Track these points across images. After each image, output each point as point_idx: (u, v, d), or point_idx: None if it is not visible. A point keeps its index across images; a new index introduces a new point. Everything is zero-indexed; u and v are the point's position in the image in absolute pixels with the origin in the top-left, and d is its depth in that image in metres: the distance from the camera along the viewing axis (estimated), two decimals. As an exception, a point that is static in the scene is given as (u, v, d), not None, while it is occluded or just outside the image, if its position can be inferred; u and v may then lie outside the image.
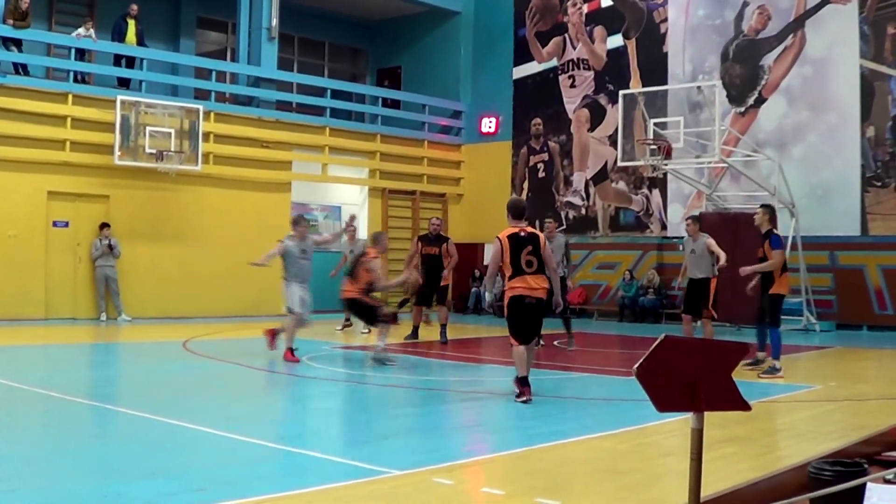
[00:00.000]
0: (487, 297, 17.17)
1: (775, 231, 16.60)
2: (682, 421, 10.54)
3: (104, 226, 25.41)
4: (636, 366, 3.97)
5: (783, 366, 15.81)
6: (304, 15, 33.90)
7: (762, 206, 17.41)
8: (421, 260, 21.44)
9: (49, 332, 22.78)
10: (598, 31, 31.82)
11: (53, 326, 23.77)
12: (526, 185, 33.29)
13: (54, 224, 25.22)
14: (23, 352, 18.58)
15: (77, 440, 9.47)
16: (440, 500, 7.49)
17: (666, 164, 25.89)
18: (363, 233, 32.09)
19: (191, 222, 27.11)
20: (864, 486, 5.60)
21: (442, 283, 21.64)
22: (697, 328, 18.81)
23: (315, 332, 23.66)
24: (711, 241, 17.65)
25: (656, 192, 30.05)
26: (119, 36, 27.32)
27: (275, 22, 29.73)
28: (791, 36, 27.68)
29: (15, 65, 25.33)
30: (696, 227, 18.07)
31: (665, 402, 4.06)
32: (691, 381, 3.95)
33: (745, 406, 4.22)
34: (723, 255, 17.41)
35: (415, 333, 21.66)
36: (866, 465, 5.83)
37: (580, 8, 32.19)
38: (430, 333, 22.00)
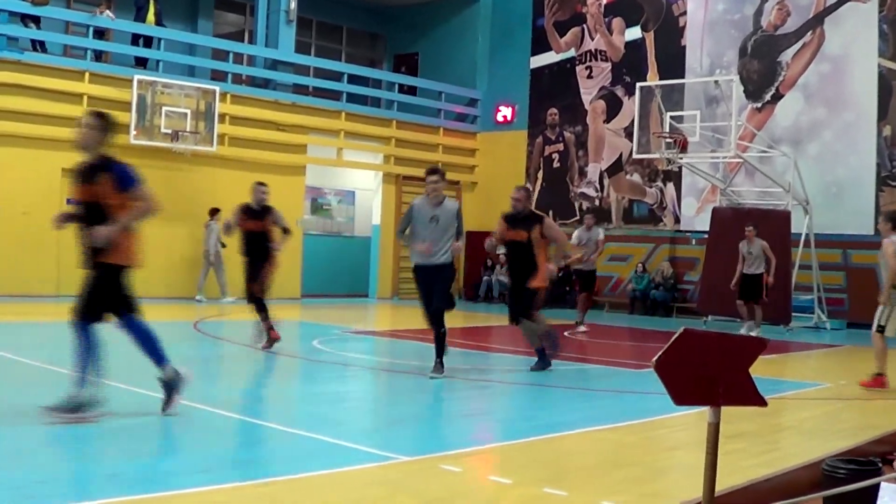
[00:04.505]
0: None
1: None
2: (688, 415, 10.54)
3: (215, 211, 26.60)
4: (655, 358, 3.96)
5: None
6: (323, -2, 33.93)
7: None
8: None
9: (60, 308, 22.80)
10: (617, 22, 31.77)
11: (65, 303, 23.80)
12: (540, 174, 33.28)
13: (68, 201, 25.19)
14: (33, 328, 18.63)
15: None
16: (448, 487, 7.49)
17: (681, 158, 25.82)
18: (376, 218, 32.16)
19: (204, 203, 27.10)
20: (877, 485, 5.58)
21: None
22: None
23: (325, 315, 23.72)
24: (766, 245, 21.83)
25: (671, 185, 30.00)
26: (138, 15, 27.36)
27: (293, 5, 29.74)
28: (810, 33, 27.59)
29: (33, 42, 25.37)
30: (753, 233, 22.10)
31: (682, 395, 4.05)
32: (709, 375, 3.94)
33: (761, 401, 4.21)
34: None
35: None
36: (881, 465, 5.81)
37: (599, -1, 32.19)
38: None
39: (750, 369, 4.15)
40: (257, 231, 16.03)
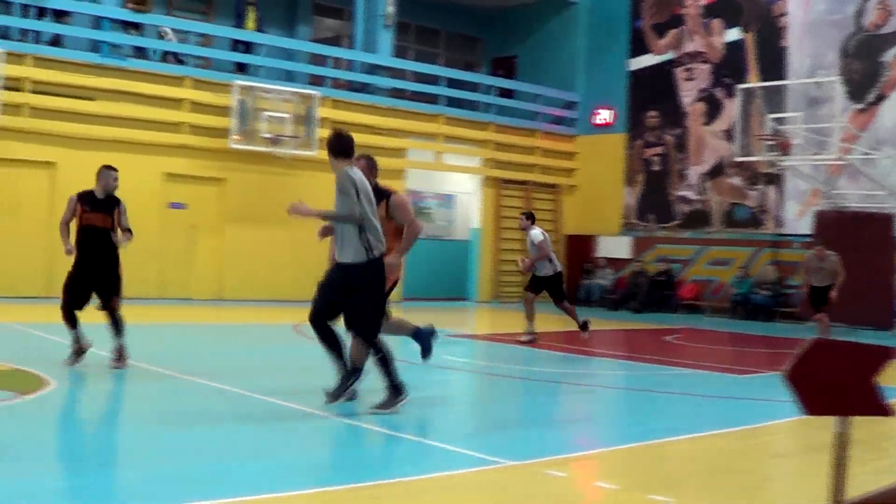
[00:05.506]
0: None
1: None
2: (792, 422, 10.50)
3: None
4: (785, 368, 3.90)
5: None
6: (421, 3, 33.94)
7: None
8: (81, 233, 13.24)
9: (161, 311, 23.07)
10: (716, 23, 31.50)
11: (166, 306, 24.09)
12: (640, 178, 33.08)
13: (171, 205, 25.55)
14: (133, 330, 18.85)
15: (188, 419, 9.55)
16: (554, 492, 7.45)
17: (783, 161, 25.54)
18: (476, 222, 32.20)
19: (304, 207, 27.26)
20: None
21: None
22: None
23: (425, 319, 23.73)
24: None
25: (772, 188, 29.64)
26: (238, 21, 27.66)
27: (391, 9, 29.83)
28: (914, 32, 27.21)
29: (135, 48, 25.72)
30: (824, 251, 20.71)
31: (813, 405, 3.98)
32: (838, 385, 3.88)
33: (888, 411, 4.14)
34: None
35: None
36: None
37: (698, 0, 31.91)
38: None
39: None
40: (101, 227, 13.14)
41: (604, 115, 34.12)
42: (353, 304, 10.23)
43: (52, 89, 24.04)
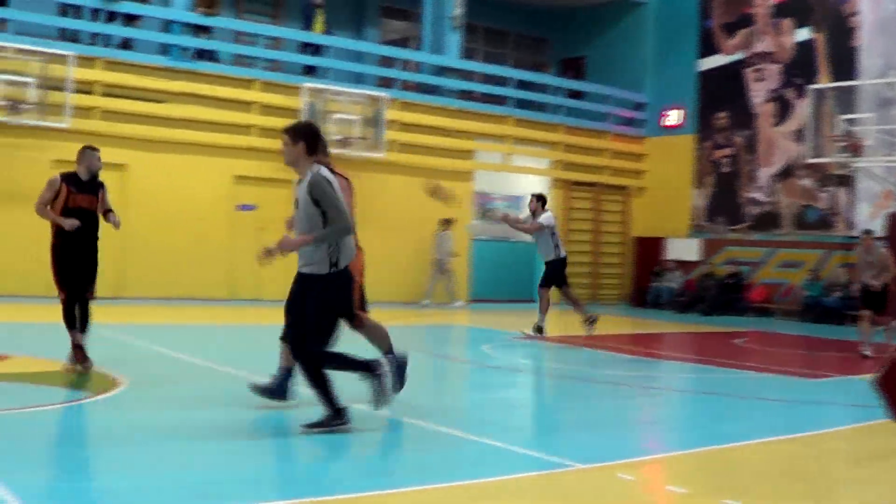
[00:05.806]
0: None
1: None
2: (862, 427, 10.38)
3: (447, 221, 27.89)
4: (876, 375, 3.88)
5: None
6: (489, 4, 33.90)
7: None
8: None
9: (233, 312, 23.20)
10: (786, 23, 31.23)
11: (237, 307, 24.23)
12: (709, 179, 32.86)
13: (240, 207, 25.68)
14: (206, 331, 18.98)
15: (258, 421, 9.59)
16: (624, 495, 7.43)
17: (855, 162, 25.28)
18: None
19: (373, 209, 27.26)
20: None
21: None
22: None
23: (493, 320, 23.74)
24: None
25: (843, 190, 29.33)
26: (307, 24, 27.81)
27: (459, 11, 29.83)
28: None
29: (204, 51, 25.89)
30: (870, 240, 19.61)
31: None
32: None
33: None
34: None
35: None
36: None
37: None
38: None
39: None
40: (88, 209, 12.12)
41: (673, 117, 33.94)
42: (308, 315, 9.14)
43: (122, 92, 24.32)
